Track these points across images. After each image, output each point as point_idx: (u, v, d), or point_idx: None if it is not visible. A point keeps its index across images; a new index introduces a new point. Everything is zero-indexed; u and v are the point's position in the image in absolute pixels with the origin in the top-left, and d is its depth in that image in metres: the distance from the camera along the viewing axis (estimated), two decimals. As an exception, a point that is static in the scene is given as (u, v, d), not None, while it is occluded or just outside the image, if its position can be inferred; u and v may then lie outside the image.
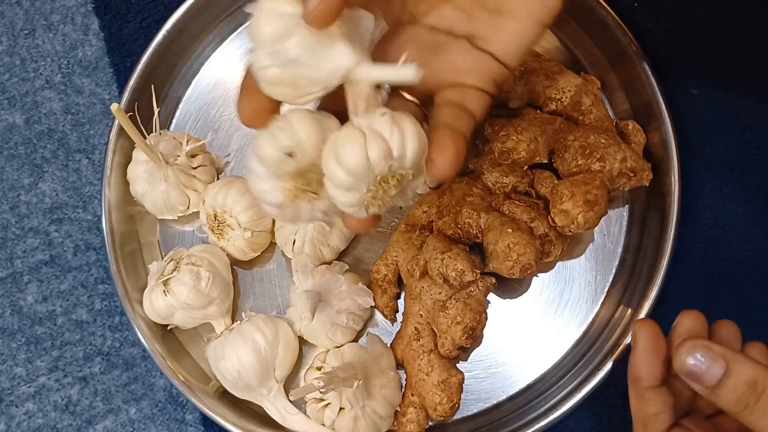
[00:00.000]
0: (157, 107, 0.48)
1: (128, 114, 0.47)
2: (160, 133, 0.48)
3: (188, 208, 0.49)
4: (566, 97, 0.45)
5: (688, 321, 0.33)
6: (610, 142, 0.43)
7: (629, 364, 0.34)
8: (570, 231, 0.42)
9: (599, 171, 0.42)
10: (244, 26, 0.53)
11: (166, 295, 0.44)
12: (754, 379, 0.27)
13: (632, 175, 0.43)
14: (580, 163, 0.43)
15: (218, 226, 0.46)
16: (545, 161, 0.44)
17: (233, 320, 0.48)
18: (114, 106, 0.40)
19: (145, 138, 0.45)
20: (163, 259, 0.47)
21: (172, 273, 0.45)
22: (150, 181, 0.47)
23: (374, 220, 0.30)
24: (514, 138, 0.42)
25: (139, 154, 0.47)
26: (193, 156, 0.48)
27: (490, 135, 0.44)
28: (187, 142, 0.47)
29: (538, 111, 0.46)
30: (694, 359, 0.28)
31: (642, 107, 0.48)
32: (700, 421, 0.34)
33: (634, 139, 0.46)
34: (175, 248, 0.47)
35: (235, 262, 0.48)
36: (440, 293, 0.43)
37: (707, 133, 0.50)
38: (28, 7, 0.56)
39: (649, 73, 0.47)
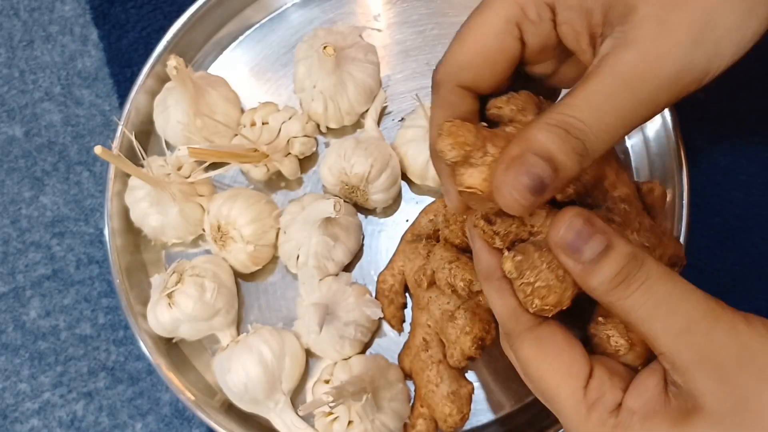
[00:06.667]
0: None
1: (128, 128, 0.47)
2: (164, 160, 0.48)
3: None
4: None
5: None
6: None
7: (475, 260, 0.31)
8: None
9: None
10: (244, 36, 0.52)
11: (170, 308, 0.44)
12: (635, 253, 0.25)
13: None
14: None
15: (221, 238, 0.46)
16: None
17: (238, 331, 0.47)
18: (98, 149, 0.38)
19: (141, 160, 0.44)
20: (166, 271, 0.46)
21: (175, 285, 0.44)
22: (160, 210, 0.46)
23: None
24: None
25: (134, 181, 0.47)
26: (179, 168, 0.47)
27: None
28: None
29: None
30: (574, 232, 0.25)
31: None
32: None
33: None
34: (178, 260, 0.47)
35: (238, 274, 0.48)
36: (448, 303, 0.43)
37: (715, 137, 0.50)
38: (27, 18, 0.55)
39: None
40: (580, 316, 0.30)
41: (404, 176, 0.48)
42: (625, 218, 0.30)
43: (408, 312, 0.47)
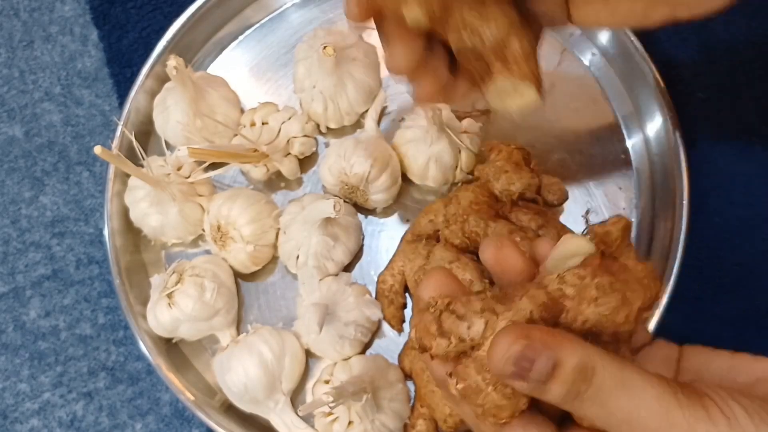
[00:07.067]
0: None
1: (128, 128, 0.47)
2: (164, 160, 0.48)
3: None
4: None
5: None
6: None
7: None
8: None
9: None
10: (244, 36, 0.52)
11: (170, 308, 0.44)
12: (583, 364, 0.23)
13: None
14: None
15: (221, 238, 0.46)
16: None
17: (238, 331, 0.47)
18: (98, 149, 0.38)
19: (141, 160, 0.44)
20: (166, 271, 0.46)
21: (175, 285, 0.44)
22: (160, 210, 0.46)
23: None
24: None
25: (134, 181, 0.47)
26: (179, 168, 0.47)
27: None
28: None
29: None
30: (514, 361, 0.23)
31: (648, 112, 0.47)
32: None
33: None
34: (178, 260, 0.47)
35: (238, 274, 0.48)
36: (448, 303, 0.43)
37: (714, 138, 0.50)
38: (27, 18, 0.55)
39: (656, 76, 0.46)
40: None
41: (404, 176, 0.48)
42: (581, 289, 0.26)
43: (408, 312, 0.47)
